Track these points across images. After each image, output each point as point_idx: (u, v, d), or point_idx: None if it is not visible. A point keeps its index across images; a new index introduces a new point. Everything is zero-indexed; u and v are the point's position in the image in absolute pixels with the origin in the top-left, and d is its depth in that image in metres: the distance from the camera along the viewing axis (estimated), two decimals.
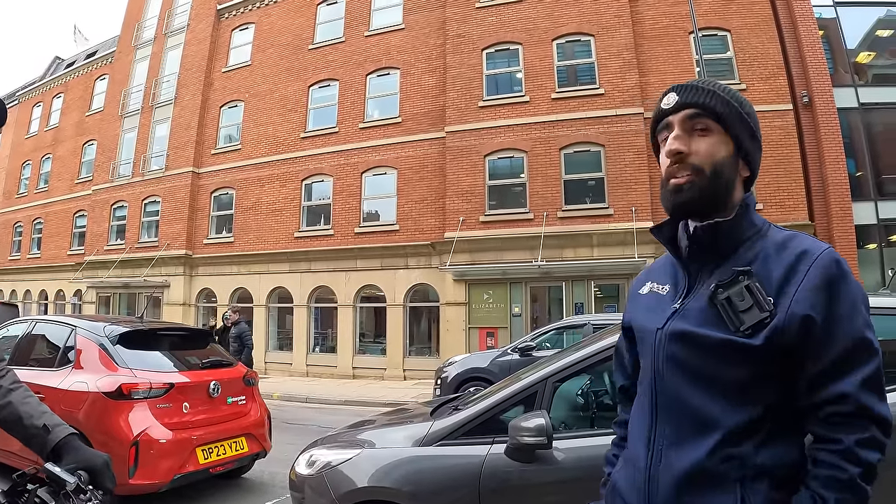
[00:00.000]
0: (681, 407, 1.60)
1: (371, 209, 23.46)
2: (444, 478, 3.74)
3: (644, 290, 1.89)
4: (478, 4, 22.28)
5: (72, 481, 1.81)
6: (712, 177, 1.64)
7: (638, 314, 1.86)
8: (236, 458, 6.96)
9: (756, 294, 1.52)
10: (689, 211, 1.70)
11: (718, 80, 1.78)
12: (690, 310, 1.64)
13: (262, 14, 27.46)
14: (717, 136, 1.67)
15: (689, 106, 1.68)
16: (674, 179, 1.68)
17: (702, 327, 1.58)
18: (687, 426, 1.58)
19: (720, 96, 1.68)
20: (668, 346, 1.64)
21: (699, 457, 1.53)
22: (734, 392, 1.53)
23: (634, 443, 1.75)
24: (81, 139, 33.31)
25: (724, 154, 1.66)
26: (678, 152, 1.67)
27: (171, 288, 26.61)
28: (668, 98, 1.73)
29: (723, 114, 1.66)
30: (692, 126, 1.68)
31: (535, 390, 3.79)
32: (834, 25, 20.20)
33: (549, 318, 19.37)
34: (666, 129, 1.74)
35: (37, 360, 7.24)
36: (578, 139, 20.21)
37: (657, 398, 1.67)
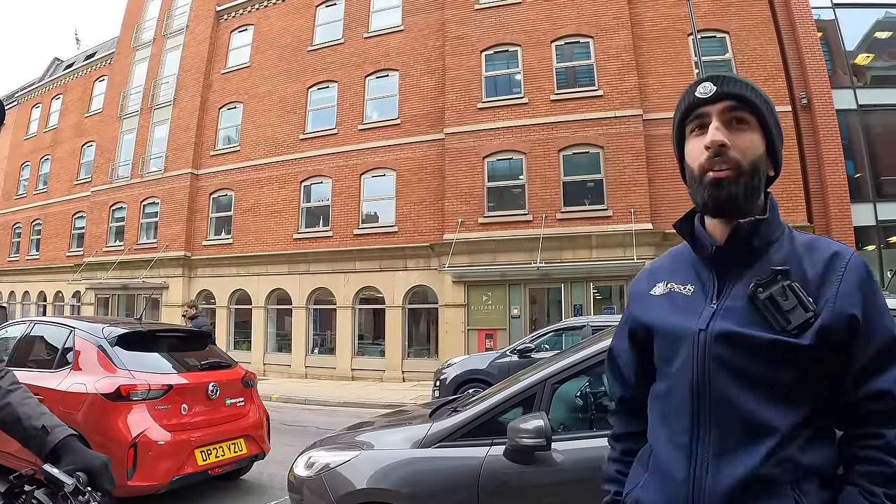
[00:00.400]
0: (730, 412, 1.51)
1: (370, 211, 23.46)
2: (443, 479, 3.74)
3: (658, 291, 1.77)
4: (477, 6, 22.29)
5: (70, 483, 1.81)
6: (752, 173, 1.59)
7: (661, 315, 1.72)
8: (235, 459, 6.96)
9: (798, 293, 1.49)
10: (729, 207, 1.59)
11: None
12: (731, 310, 1.57)
13: (262, 16, 27.47)
14: (754, 130, 1.61)
15: (729, 97, 1.61)
16: (712, 173, 1.58)
17: (747, 327, 1.52)
18: (737, 432, 1.50)
19: (756, 90, 1.63)
20: (714, 348, 1.54)
21: (754, 463, 1.46)
22: (782, 394, 1.49)
23: (666, 455, 1.61)
24: (80, 140, 33.30)
25: (761, 150, 1.62)
26: (722, 143, 1.58)
27: (170, 289, 26.59)
28: (703, 87, 1.64)
29: (761, 108, 1.62)
30: (731, 118, 1.60)
31: (534, 392, 3.79)
32: (833, 27, 20.22)
33: (547, 320, 19.36)
34: (698, 119, 1.65)
35: (35, 361, 7.23)
36: (577, 141, 20.21)
37: (698, 404, 1.56)
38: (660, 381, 1.71)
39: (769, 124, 1.62)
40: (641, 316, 1.80)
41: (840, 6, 20.19)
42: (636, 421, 1.86)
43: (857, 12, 20.20)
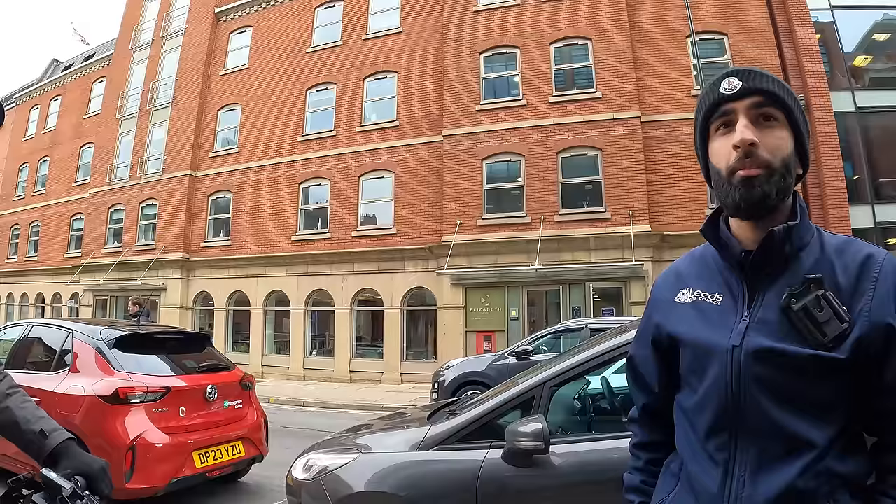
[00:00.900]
0: (768, 429, 1.45)
1: (368, 213, 23.46)
2: (442, 482, 3.73)
3: (683, 299, 1.68)
4: (475, 8, 22.30)
5: (68, 486, 1.80)
6: (783, 172, 1.50)
7: (688, 327, 1.63)
8: (233, 462, 6.95)
9: (833, 304, 1.41)
10: (762, 208, 1.51)
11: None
12: (765, 322, 1.49)
13: (260, 17, 27.48)
14: (783, 128, 1.53)
15: (757, 93, 1.52)
16: (743, 171, 1.49)
17: (783, 342, 1.44)
18: (775, 449, 1.44)
19: (783, 85, 1.54)
20: (752, 366, 1.47)
21: (791, 478, 1.41)
22: (821, 408, 1.42)
23: (701, 469, 1.56)
24: (79, 142, 33.31)
25: (791, 148, 1.53)
26: (753, 142, 1.48)
27: (168, 291, 26.59)
28: (728, 82, 1.55)
29: (789, 104, 1.53)
30: (758, 115, 1.51)
31: (533, 395, 3.79)
32: (831, 29, 20.25)
33: (546, 322, 19.36)
34: (724, 116, 1.55)
35: (33, 363, 7.22)
36: (576, 143, 20.23)
37: (735, 421, 1.50)
38: (688, 394, 1.64)
39: (798, 121, 1.54)
40: (666, 325, 1.71)
41: (838, 8, 20.22)
42: (661, 430, 1.82)
43: (856, 14, 20.22)
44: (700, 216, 18.85)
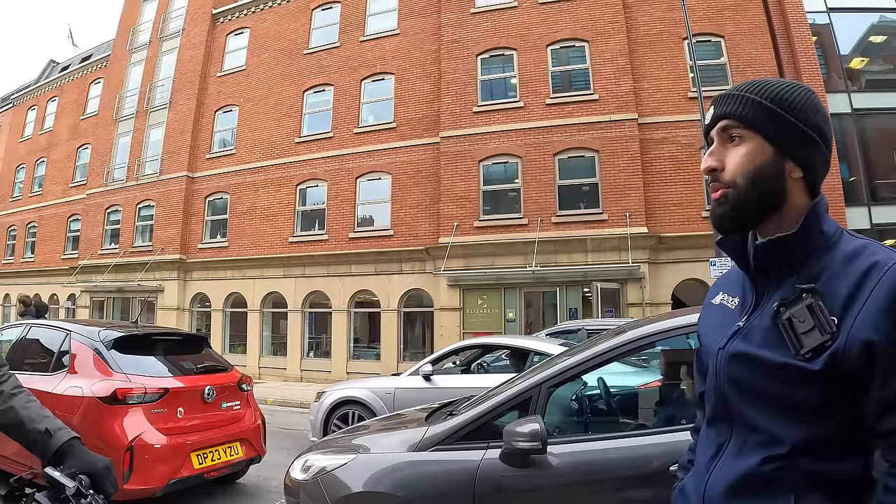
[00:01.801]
0: (745, 423, 1.55)
1: (365, 214, 23.48)
2: (440, 483, 3.75)
3: (716, 300, 1.81)
4: (472, 10, 22.33)
5: (71, 485, 1.82)
6: (749, 187, 1.56)
7: (705, 326, 1.82)
8: (231, 463, 6.96)
9: (818, 314, 1.42)
10: (728, 225, 1.62)
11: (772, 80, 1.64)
12: (754, 329, 1.57)
13: (258, 19, 27.49)
14: (751, 143, 1.58)
15: (722, 117, 1.63)
16: (713, 195, 1.64)
17: (763, 348, 1.51)
18: (751, 440, 1.53)
19: (752, 100, 1.58)
20: (728, 368, 1.59)
21: (754, 465, 1.49)
22: (797, 412, 1.45)
23: (703, 452, 1.71)
24: (76, 143, 33.27)
25: (761, 160, 1.56)
26: (710, 169, 1.63)
27: (165, 292, 26.59)
28: (709, 112, 1.70)
29: (754, 119, 1.57)
30: (728, 137, 1.62)
31: (530, 395, 3.80)
32: (827, 31, 20.28)
33: (542, 324, 19.37)
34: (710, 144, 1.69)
35: (31, 364, 7.21)
36: (573, 145, 20.25)
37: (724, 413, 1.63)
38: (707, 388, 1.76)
39: (770, 131, 1.56)
40: (699, 324, 1.88)
41: (835, 10, 20.25)
42: None
43: (852, 16, 20.27)
44: (697, 217, 18.92)
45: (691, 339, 4.05)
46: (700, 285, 18.93)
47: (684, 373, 4.17)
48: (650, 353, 4.26)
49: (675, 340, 4.00)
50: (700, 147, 18.72)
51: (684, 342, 4.11)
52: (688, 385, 4.16)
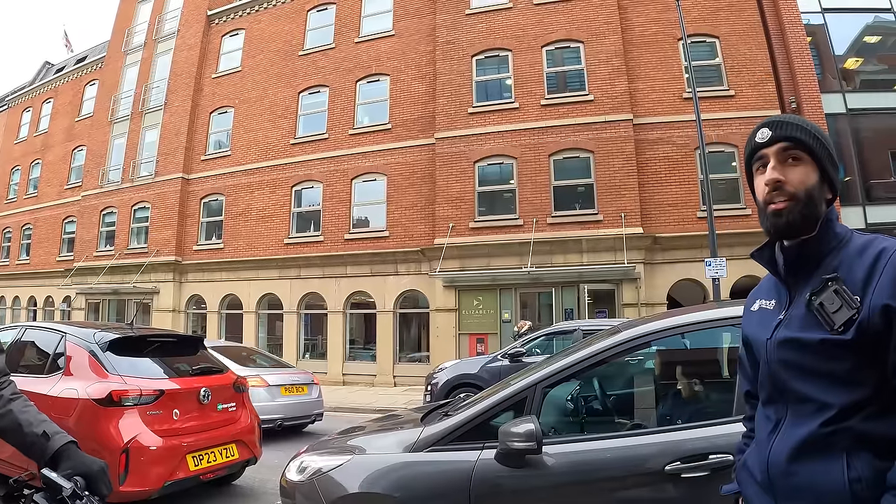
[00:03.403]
0: (796, 397, 1.80)
1: (361, 215, 23.48)
2: (435, 483, 3.75)
3: (754, 308, 2.10)
4: (467, 11, 22.36)
5: (68, 486, 1.85)
6: (806, 201, 1.84)
7: (751, 329, 2.07)
8: (227, 464, 6.94)
9: (843, 295, 1.71)
10: (788, 233, 1.87)
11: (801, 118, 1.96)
12: (793, 318, 1.85)
13: (253, 20, 27.48)
14: (807, 165, 1.86)
15: (783, 140, 1.87)
16: (772, 205, 1.87)
17: (803, 332, 1.78)
18: (805, 411, 1.77)
19: (807, 130, 1.87)
20: (777, 352, 1.86)
21: (810, 430, 1.72)
22: (838, 380, 1.70)
23: (762, 428, 1.96)
24: (71, 144, 33.26)
25: (814, 181, 1.86)
26: (777, 181, 1.86)
27: (161, 294, 26.56)
28: (761, 133, 1.93)
29: (811, 146, 1.86)
30: (786, 157, 1.87)
31: (525, 396, 3.80)
32: (822, 32, 20.34)
33: (538, 324, 19.38)
34: (760, 160, 1.94)
35: (26, 366, 7.19)
36: (568, 145, 20.28)
37: (778, 394, 1.88)
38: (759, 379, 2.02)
39: (821, 157, 1.87)
40: (744, 329, 2.14)
41: (829, 11, 20.31)
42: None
43: (847, 17, 20.33)
44: (692, 218, 18.96)
45: (686, 339, 4.06)
46: (695, 285, 18.98)
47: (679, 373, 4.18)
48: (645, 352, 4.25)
49: (671, 340, 4.01)
50: (695, 148, 18.73)
51: (679, 342, 4.12)
52: (683, 385, 4.17)
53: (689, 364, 4.23)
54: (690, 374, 4.19)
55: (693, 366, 4.21)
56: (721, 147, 19.46)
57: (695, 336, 3.97)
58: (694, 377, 4.18)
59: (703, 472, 3.09)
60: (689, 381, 4.18)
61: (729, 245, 17.57)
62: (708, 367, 4.25)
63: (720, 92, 19.93)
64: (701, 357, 4.30)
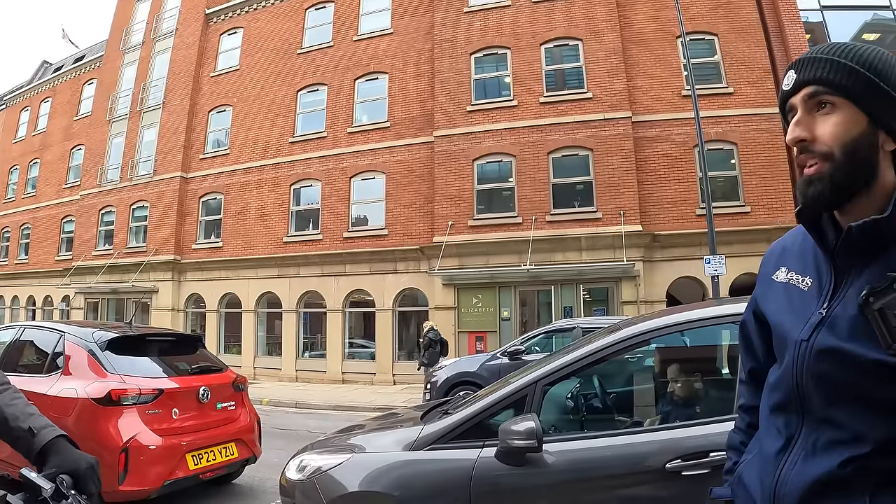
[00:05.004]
0: (824, 418, 1.45)
1: (360, 214, 23.47)
2: (435, 482, 3.74)
3: (780, 277, 1.67)
4: (466, 9, 22.33)
5: (48, 487, 1.75)
6: (845, 161, 1.41)
7: (774, 307, 1.66)
8: (226, 463, 6.94)
9: None
10: (823, 204, 1.47)
11: (851, 43, 1.49)
12: (839, 318, 1.43)
13: (251, 18, 27.45)
14: (844, 111, 1.43)
15: (808, 83, 1.47)
16: (805, 170, 1.46)
17: (851, 342, 1.38)
18: (828, 437, 1.43)
19: (843, 65, 1.43)
20: (813, 364, 1.46)
21: (833, 465, 1.39)
22: (884, 408, 1.34)
23: (768, 441, 1.60)
24: (69, 144, 33.22)
25: (858, 132, 1.41)
26: (799, 139, 1.46)
27: (160, 293, 26.55)
28: (787, 78, 1.53)
29: (847, 85, 1.42)
30: (815, 105, 1.46)
31: (525, 394, 3.79)
32: (821, 29, 20.30)
33: (537, 322, 19.39)
34: (790, 112, 1.53)
35: (25, 366, 7.19)
36: (566, 143, 20.27)
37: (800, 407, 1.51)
38: (773, 371, 1.66)
39: (865, 98, 1.42)
40: (761, 302, 1.74)
41: (828, 8, 20.28)
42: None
43: (846, 14, 20.28)
44: (691, 215, 18.97)
45: (686, 337, 4.06)
46: (694, 283, 18.97)
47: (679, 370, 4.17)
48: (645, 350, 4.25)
49: (670, 338, 4.00)
50: (693, 145, 18.73)
51: (679, 340, 4.11)
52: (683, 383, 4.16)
53: (688, 362, 4.21)
54: (690, 372, 4.18)
55: (693, 363, 4.20)
56: (720, 144, 19.47)
57: (694, 334, 3.96)
58: (694, 375, 4.17)
59: (703, 470, 3.09)
60: (689, 379, 4.18)
61: (728, 243, 17.59)
62: (708, 365, 4.24)
63: (719, 89, 19.93)
64: (701, 355, 4.29)
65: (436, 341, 18.06)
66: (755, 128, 19.22)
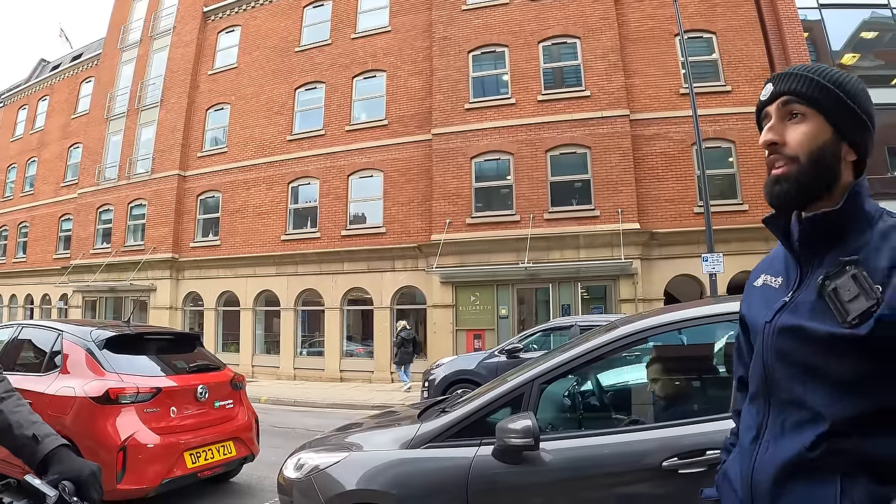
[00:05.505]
0: (789, 399, 1.58)
1: (358, 212, 23.45)
2: (432, 480, 3.75)
3: (758, 283, 1.85)
4: (464, 7, 22.33)
5: (52, 494, 1.77)
6: (810, 165, 1.60)
7: (750, 307, 1.84)
8: (224, 462, 6.94)
9: (862, 282, 1.47)
10: (787, 202, 1.65)
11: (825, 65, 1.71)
12: (800, 303, 1.60)
13: (249, 16, 27.43)
14: (813, 121, 1.61)
15: (784, 94, 1.65)
16: (773, 170, 1.65)
17: (810, 320, 1.54)
18: (794, 418, 1.56)
19: (817, 81, 1.62)
20: (776, 341, 1.62)
21: (801, 447, 1.51)
22: (841, 384, 1.47)
23: (744, 433, 1.74)
24: (67, 142, 33.19)
25: (823, 140, 1.60)
26: (770, 142, 1.65)
27: (158, 292, 26.53)
28: (765, 89, 1.71)
29: (818, 98, 1.61)
30: (787, 113, 1.65)
31: (522, 392, 3.80)
32: (819, 27, 20.32)
33: (535, 320, 19.40)
34: (766, 119, 1.71)
35: (23, 365, 7.18)
36: (564, 141, 20.27)
37: (767, 391, 1.66)
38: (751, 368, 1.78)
39: (831, 111, 1.60)
40: (743, 309, 1.89)
41: (826, 6, 20.29)
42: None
43: (844, 13, 20.30)
44: (689, 213, 18.97)
45: (684, 335, 4.06)
46: (692, 281, 18.99)
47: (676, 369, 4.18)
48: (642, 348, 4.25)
49: (668, 336, 4.00)
50: (691, 143, 18.76)
51: (677, 338, 4.12)
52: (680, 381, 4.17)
53: (686, 360, 4.22)
54: (688, 370, 4.19)
55: (690, 362, 4.21)
56: (718, 143, 19.48)
57: (692, 332, 3.97)
58: (691, 373, 4.18)
59: (700, 468, 3.10)
60: (687, 377, 4.18)
61: (726, 240, 17.60)
62: (705, 363, 4.24)
63: (717, 88, 19.94)
64: (698, 353, 4.29)
65: (408, 340, 18.49)
66: (753, 126, 18.61)
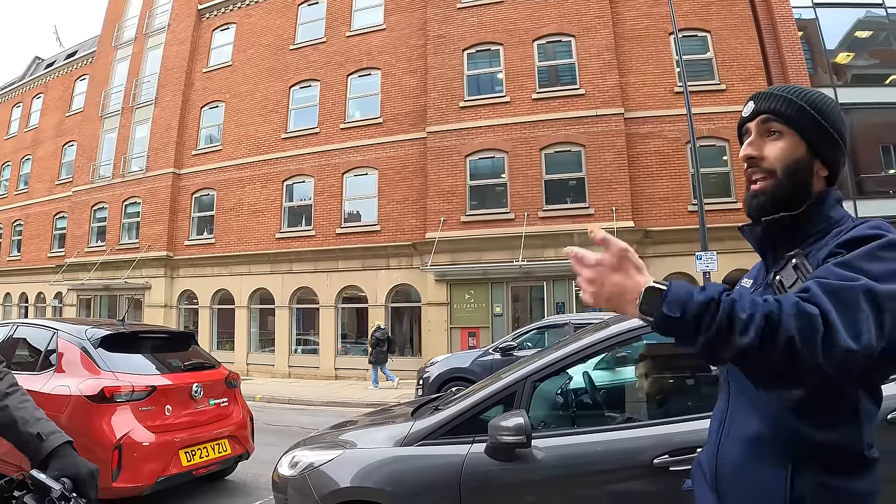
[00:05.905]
0: (740, 389, 1.71)
1: (352, 210, 23.45)
2: (426, 477, 3.77)
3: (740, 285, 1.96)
4: (459, 5, 22.32)
5: (57, 488, 1.84)
6: (785, 178, 1.70)
7: None
8: (219, 460, 6.95)
9: (801, 269, 1.59)
10: (764, 214, 1.75)
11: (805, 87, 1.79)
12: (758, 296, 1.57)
13: (244, 14, 27.39)
14: (789, 139, 1.72)
15: (764, 112, 1.75)
16: (752, 185, 1.76)
17: None
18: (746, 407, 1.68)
19: (795, 102, 1.72)
20: None
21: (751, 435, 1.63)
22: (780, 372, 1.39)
23: (713, 421, 1.87)
24: (61, 140, 33.07)
25: (798, 156, 1.71)
26: (749, 157, 1.76)
27: (152, 290, 26.50)
28: (747, 107, 1.81)
29: (795, 118, 1.71)
30: (766, 130, 1.75)
31: (515, 390, 3.83)
32: (813, 26, 20.35)
33: (530, 318, 19.42)
34: (746, 135, 1.81)
35: (18, 363, 7.16)
36: (559, 139, 20.29)
37: (729, 380, 1.80)
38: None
39: (806, 129, 1.71)
40: None
41: (820, 5, 20.33)
42: None
43: (838, 11, 20.33)
44: (683, 212, 18.99)
45: None
46: (686, 279, 19.00)
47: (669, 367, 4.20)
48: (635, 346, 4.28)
49: None
50: (686, 142, 18.78)
51: None
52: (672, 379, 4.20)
53: (678, 358, 4.24)
54: (680, 368, 4.21)
55: (682, 359, 4.23)
56: (712, 141, 19.52)
57: None
58: (683, 371, 4.21)
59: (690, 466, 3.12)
60: (679, 375, 4.21)
61: (720, 239, 17.62)
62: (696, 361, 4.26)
63: (711, 86, 19.97)
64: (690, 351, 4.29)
65: (382, 340, 18.73)
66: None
